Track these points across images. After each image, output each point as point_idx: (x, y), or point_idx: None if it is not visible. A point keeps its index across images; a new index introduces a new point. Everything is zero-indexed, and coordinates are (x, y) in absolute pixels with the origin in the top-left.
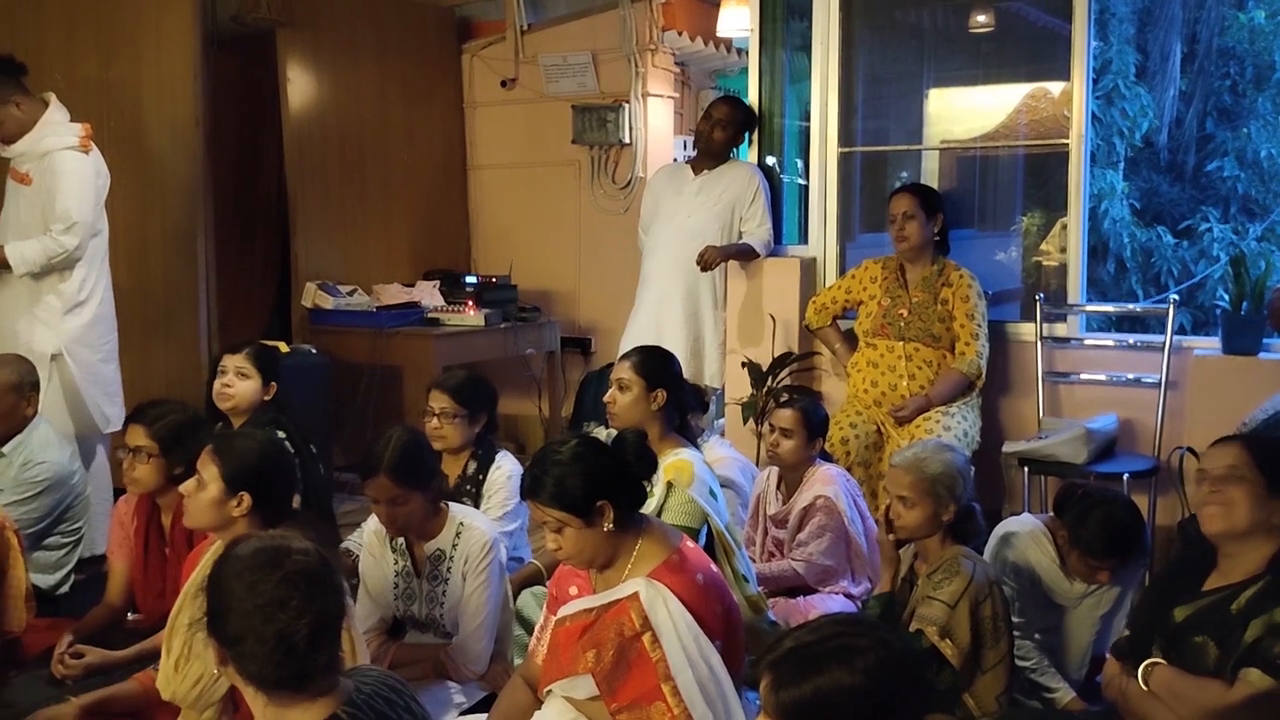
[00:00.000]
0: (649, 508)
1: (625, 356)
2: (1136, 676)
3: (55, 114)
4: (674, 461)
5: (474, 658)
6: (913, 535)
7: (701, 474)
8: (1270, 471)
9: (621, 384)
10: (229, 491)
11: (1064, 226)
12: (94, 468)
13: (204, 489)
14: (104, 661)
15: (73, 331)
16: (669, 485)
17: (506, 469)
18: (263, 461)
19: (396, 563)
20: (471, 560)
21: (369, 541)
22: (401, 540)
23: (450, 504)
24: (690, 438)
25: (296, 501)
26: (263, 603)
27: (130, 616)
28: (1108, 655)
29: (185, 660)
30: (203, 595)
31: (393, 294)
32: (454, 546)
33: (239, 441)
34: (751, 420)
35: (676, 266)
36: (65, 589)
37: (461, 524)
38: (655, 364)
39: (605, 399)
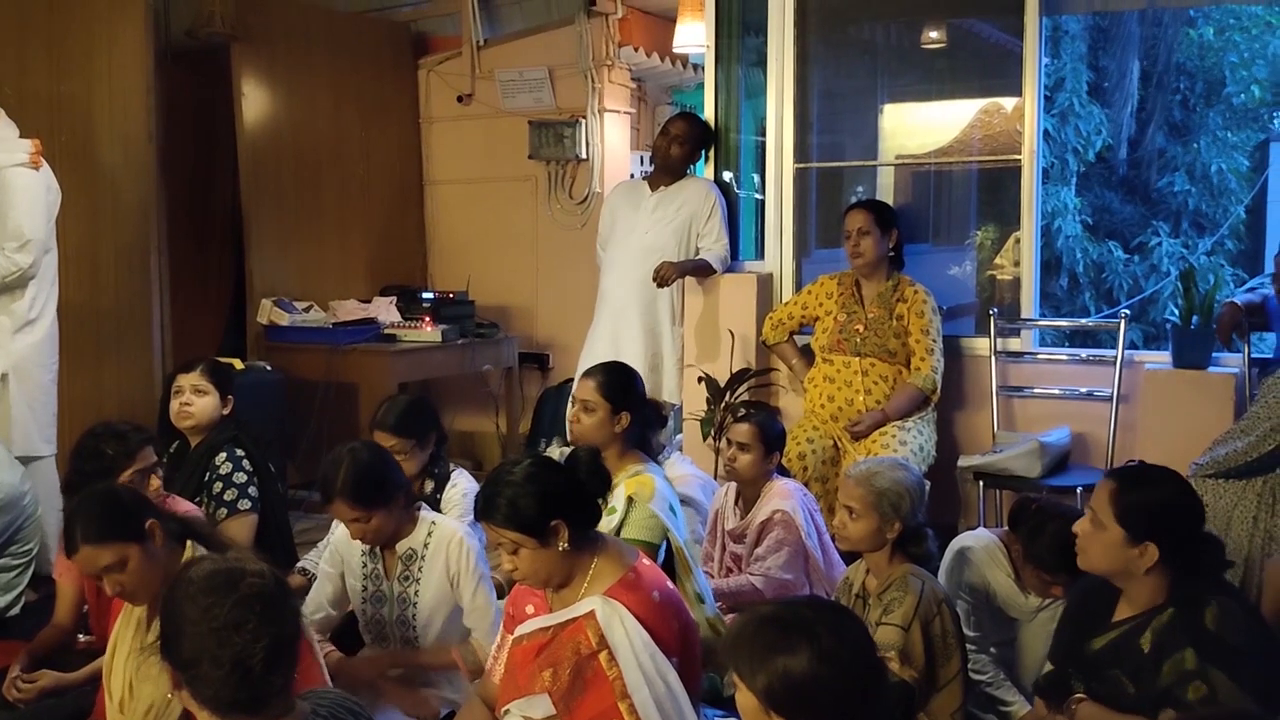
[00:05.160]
0: (610, 523)
1: (588, 375)
2: (1062, 713)
3: (4, 129)
4: (636, 477)
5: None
6: (856, 547)
7: (662, 490)
8: None
9: (586, 405)
10: (134, 544)
11: (1017, 241)
12: (45, 488)
13: (126, 565)
14: (57, 684)
15: (23, 350)
16: (630, 500)
17: (462, 486)
18: (133, 504)
19: (366, 565)
20: (452, 561)
21: (338, 538)
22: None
23: (423, 506)
24: (650, 453)
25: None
26: (218, 626)
27: (82, 638)
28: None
29: (130, 698)
30: (148, 623)
31: (349, 310)
32: (426, 545)
33: (89, 510)
34: (710, 436)
35: (634, 282)
36: (15, 610)
37: (433, 523)
38: (620, 386)
39: (569, 417)
